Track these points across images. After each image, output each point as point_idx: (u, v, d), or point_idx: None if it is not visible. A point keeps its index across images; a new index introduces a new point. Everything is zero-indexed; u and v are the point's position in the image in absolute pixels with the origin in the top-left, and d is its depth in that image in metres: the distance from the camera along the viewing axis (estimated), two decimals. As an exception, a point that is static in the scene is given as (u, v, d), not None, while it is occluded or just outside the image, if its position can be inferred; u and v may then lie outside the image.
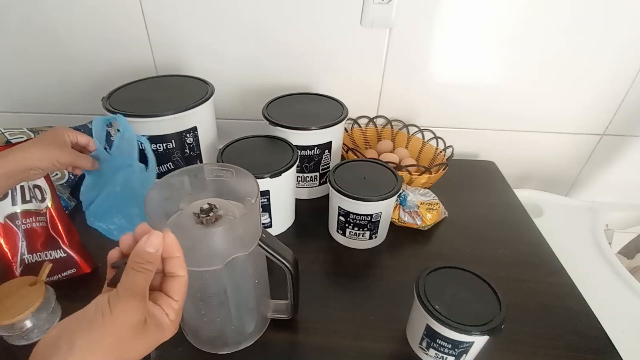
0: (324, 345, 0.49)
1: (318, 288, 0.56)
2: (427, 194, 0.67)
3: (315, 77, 0.81)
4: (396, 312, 0.51)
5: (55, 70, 0.82)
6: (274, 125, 0.66)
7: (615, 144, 0.86)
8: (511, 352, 0.48)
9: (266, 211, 0.62)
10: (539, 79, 0.78)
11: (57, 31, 0.77)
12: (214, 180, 0.44)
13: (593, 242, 0.72)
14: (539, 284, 0.58)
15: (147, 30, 0.77)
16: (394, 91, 0.82)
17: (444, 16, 0.72)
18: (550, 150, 0.88)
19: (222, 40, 0.77)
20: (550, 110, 0.82)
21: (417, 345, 0.47)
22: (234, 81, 0.83)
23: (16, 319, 0.44)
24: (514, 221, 0.70)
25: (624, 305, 0.61)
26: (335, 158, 0.72)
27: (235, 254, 0.39)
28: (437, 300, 0.43)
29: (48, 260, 0.52)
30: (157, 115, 0.59)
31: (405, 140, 0.84)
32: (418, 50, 0.77)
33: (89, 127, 0.73)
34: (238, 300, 0.44)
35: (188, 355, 0.47)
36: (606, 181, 0.92)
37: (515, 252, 0.63)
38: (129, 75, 0.71)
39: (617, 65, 0.76)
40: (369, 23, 0.73)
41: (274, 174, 0.58)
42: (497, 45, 0.75)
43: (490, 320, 0.41)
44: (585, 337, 0.50)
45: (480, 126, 0.86)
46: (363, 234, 0.61)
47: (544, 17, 0.71)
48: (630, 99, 0.79)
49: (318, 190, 0.74)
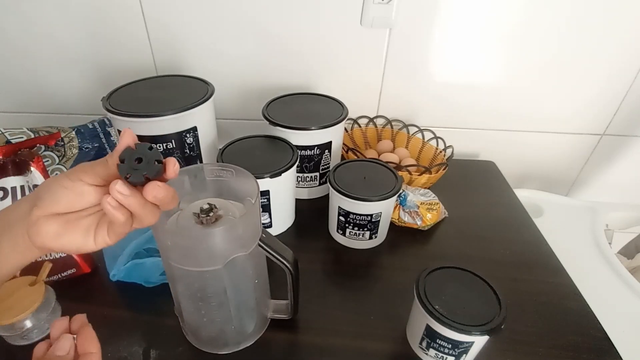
0: (324, 345, 0.49)
1: (318, 288, 0.56)
2: (427, 194, 0.67)
3: (315, 77, 0.81)
4: (396, 312, 0.51)
5: (55, 70, 0.82)
6: (274, 125, 0.66)
7: (615, 144, 0.86)
8: (511, 352, 0.48)
9: (266, 211, 0.62)
10: (539, 79, 0.78)
11: (57, 31, 0.77)
12: (214, 180, 0.44)
13: (593, 242, 0.72)
14: (539, 284, 0.58)
15: (147, 30, 0.77)
16: (394, 91, 0.82)
17: (444, 16, 0.72)
18: (550, 150, 0.88)
19: (222, 40, 0.77)
20: (550, 110, 0.82)
21: (417, 345, 0.47)
22: (234, 81, 0.83)
23: (16, 319, 0.44)
24: (514, 221, 0.70)
25: (624, 305, 0.61)
26: (335, 158, 0.72)
27: (235, 254, 0.39)
28: (437, 300, 0.43)
29: (48, 260, 0.52)
30: (157, 115, 0.59)
31: (405, 140, 0.84)
32: (418, 50, 0.77)
33: (89, 127, 0.73)
34: (238, 300, 0.44)
35: (188, 355, 0.47)
36: (606, 181, 0.92)
37: (515, 252, 0.63)
38: (129, 75, 0.71)
39: (617, 65, 0.76)
40: (369, 23, 0.73)
41: (274, 174, 0.58)
42: (497, 45, 0.75)
43: (490, 320, 0.41)
44: (585, 337, 0.50)
45: (480, 126, 0.86)
46: (363, 234, 0.61)
47: (544, 17, 0.71)
48: (630, 99, 0.79)
49: (318, 190, 0.74)
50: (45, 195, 0.29)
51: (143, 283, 0.54)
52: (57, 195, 0.29)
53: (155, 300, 0.53)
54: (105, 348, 0.47)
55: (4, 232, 0.31)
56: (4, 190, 0.51)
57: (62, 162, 0.69)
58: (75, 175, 0.29)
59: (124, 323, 0.51)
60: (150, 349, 0.47)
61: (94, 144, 0.73)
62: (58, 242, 0.30)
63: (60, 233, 0.30)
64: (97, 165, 0.30)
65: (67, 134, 0.71)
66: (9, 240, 0.31)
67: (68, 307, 0.51)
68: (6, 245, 0.31)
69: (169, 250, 0.40)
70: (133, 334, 0.49)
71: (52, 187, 0.30)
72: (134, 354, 0.47)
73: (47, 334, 0.48)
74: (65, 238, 0.30)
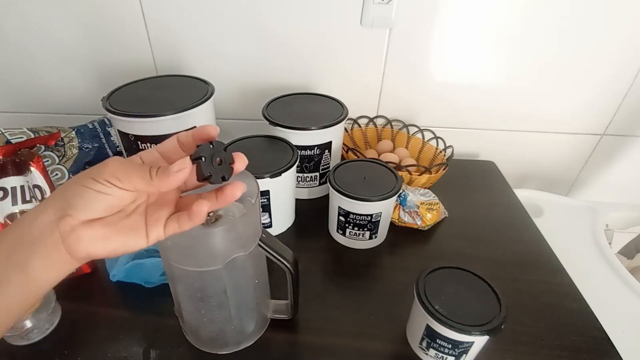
0: (324, 345, 0.49)
1: (318, 288, 0.56)
2: (427, 194, 0.67)
3: (315, 77, 0.81)
4: (396, 312, 0.51)
5: (55, 70, 0.82)
6: (274, 125, 0.66)
7: (615, 144, 0.86)
8: (511, 352, 0.48)
9: (266, 211, 0.62)
10: (539, 79, 0.78)
11: (57, 31, 0.77)
12: (214, 180, 0.44)
13: (593, 242, 0.72)
14: (539, 284, 0.58)
15: (147, 30, 0.77)
16: (394, 91, 0.82)
17: (444, 16, 0.72)
18: (550, 150, 0.88)
19: (222, 41, 0.77)
20: (550, 110, 0.82)
21: (417, 345, 0.47)
22: (234, 81, 0.83)
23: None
24: (514, 221, 0.70)
25: (624, 305, 0.61)
26: (335, 158, 0.72)
27: (235, 254, 0.39)
28: (437, 300, 0.43)
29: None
30: (157, 115, 0.59)
31: (405, 140, 0.84)
32: (418, 50, 0.77)
33: (89, 127, 0.73)
34: (238, 300, 0.44)
35: (188, 355, 0.47)
36: (606, 181, 0.92)
37: (515, 252, 0.63)
38: (129, 75, 0.71)
39: (617, 65, 0.76)
40: (369, 23, 0.73)
41: (274, 174, 0.58)
42: (497, 45, 0.75)
43: (490, 320, 0.41)
44: (585, 337, 0.50)
45: (480, 126, 0.86)
46: (363, 234, 0.61)
47: (544, 17, 0.71)
48: (630, 99, 0.79)
49: (318, 190, 0.74)
50: (76, 202, 0.26)
51: (143, 283, 0.54)
52: (92, 202, 0.26)
53: (155, 300, 0.53)
54: (105, 348, 0.47)
55: (30, 251, 0.27)
56: (4, 190, 0.50)
57: (62, 162, 0.69)
58: (109, 180, 0.26)
59: (124, 323, 0.51)
60: (150, 349, 0.47)
61: (94, 144, 0.73)
62: (105, 247, 0.27)
63: (106, 236, 0.27)
64: (134, 175, 0.27)
65: (67, 134, 0.71)
66: (41, 258, 0.27)
67: (68, 307, 0.52)
68: (38, 265, 0.27)
69: (169, 250, 0.40)
70: (133, 334, 0.49)
71: (84, 193, 0.26)
72: (134, 354, 0.47)
73: (47, 334, 0.48)
74: (113, 242, 0.28)
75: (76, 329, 0.50)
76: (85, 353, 0.47)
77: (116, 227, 0.28)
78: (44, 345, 0.48)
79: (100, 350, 0.47)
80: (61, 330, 0.49)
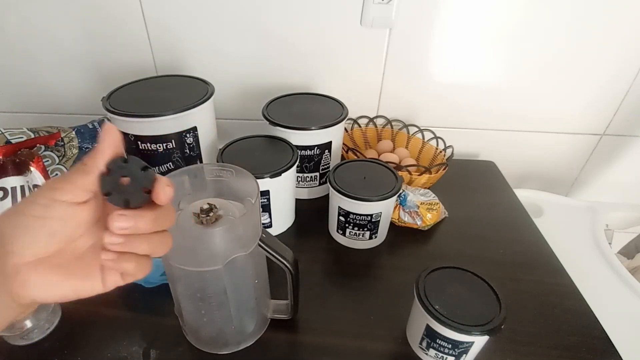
0: (324, 345, 0.49)
1: (318, 288, 0.56)
2: (427, 194, 0.67)
3: (315, 77, 0.81)
4: (396, 312, 0.51)
5: (55, 70, 0.82)
6: (274, 125, 0.66)
7: (615, 144, 0.86)
8: (511, 352, 0.48)
9: (266, 211, 0.62)
10: (539, 79, 0.78)
11: (57, 31, 0.77)
12: (214, 180, 0.44)
13: (593, 242, 0.72)
14: (539, 284, 0.58)
15: (147, 30, 0.77)
16: (394, 91, 0.82)
17: (444, 16, 0.72)
18: (550, 150, 0.88)
19: (222, 40, 0.77)
20: (550, 110, 0.82)
21: (417, 345, 0.47)
22: (234, 81, 0.83)
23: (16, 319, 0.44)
24: (514, 221, 0.70)
25: (624, 305, 0.61)
26: (335, 158, 0.72)
27: (235, 254, 0.39)
28: (437, 300, 0.43)
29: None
30: (157, 115, 0.59)
31: (405, 140, 0.84)
32: (418, 50, 0.77)
33: (89, 127, 0.73)
34: (238, 300, 0.44)
35: (188, 355, 0.47)
36: (606, 181, 0.92)
37: (515, 252, 0.63)
38: (129, 75, 0.71)
39: (617, 65, 0.76)
40: (369, 23, 0.73)
41: (274, 174, 0.58)
42: (497, 45, 0.75)
43: (490, 320, 0.41)
44: (585, 337, 0.50)
45: (480, 126, 0.86)
46: (363, 234, 0.61)
47: (544, 17, 0.71)
48: (630, 99, 0.79)
49: (318, 190, 0.74)
50: (14, 233, 0.22)
51: (143, 283, 0.54)
52: (31, 232, 0.22)
53: (155, 300, 0.53)
54: (105, 348, 0.47)
55: None
56: (4, 191, 0.51)
57: (62, 162, 0.69)
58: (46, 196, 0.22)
59: (124, 323, 0.51)
60: (150, 349, 0.47)
61: (94, 144, 0.73)
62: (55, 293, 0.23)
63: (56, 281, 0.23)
64: (73, 174, 0.22)
65: (67, 134, 0.71)
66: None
67: (68, 307, 0.51)
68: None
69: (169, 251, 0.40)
70: (133, 334, 0.49)
71: (20, 221, 0.22)
72: (134, 354, 0.47)
73: (47, 334, 0.48)
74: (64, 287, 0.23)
75: (76, 329, 0.49)
76: (85, 353, 0.47)
77: (67, 270, 0.24)
78: (44, 345, 0.48)
79: (100, 350, 0.47)
80: (61, 330, 0.49)
